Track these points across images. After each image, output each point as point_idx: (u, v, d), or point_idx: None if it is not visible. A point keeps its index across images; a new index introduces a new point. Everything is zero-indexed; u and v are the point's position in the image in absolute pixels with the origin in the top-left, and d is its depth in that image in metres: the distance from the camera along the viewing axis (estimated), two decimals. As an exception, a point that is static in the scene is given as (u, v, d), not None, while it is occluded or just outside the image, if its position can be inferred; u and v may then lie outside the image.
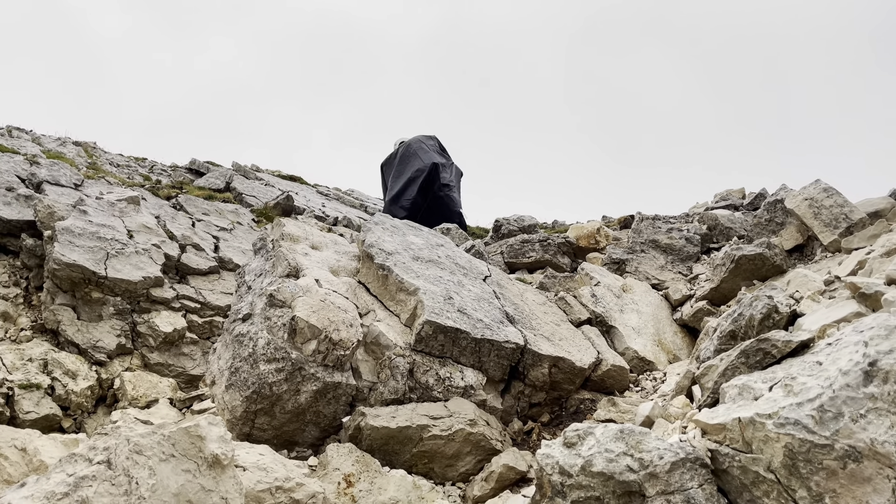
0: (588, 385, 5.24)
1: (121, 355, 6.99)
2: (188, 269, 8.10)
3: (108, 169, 11.86)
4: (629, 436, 2.48)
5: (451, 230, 9.44)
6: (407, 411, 4.52)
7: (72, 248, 7.23)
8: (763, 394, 2.48)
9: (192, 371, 7.15)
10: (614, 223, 11.25)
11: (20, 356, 6.48)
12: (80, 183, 9.33)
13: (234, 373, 4.66)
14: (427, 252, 5.82)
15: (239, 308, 5.09)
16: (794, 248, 5.73)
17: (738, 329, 3.31)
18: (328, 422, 4.66)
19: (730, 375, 2.80)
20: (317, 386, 4.55)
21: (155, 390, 6.72)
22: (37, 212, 7.83)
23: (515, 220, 10.35)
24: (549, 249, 8.05)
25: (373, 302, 5.29)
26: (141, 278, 7.35)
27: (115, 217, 8.13)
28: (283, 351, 4.55)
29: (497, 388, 4.99)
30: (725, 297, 5.73)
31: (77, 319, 7.03)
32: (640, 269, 7.07)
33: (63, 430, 6.12)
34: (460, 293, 5.34)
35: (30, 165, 9.36)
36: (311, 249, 5.65)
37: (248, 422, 4.54)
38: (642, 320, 5.90)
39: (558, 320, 5.69)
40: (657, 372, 5.41)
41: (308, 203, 13.11)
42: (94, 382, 6.54)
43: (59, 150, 11.86)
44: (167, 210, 9.46)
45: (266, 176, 14.25)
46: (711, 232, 7.78)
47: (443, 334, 4.83)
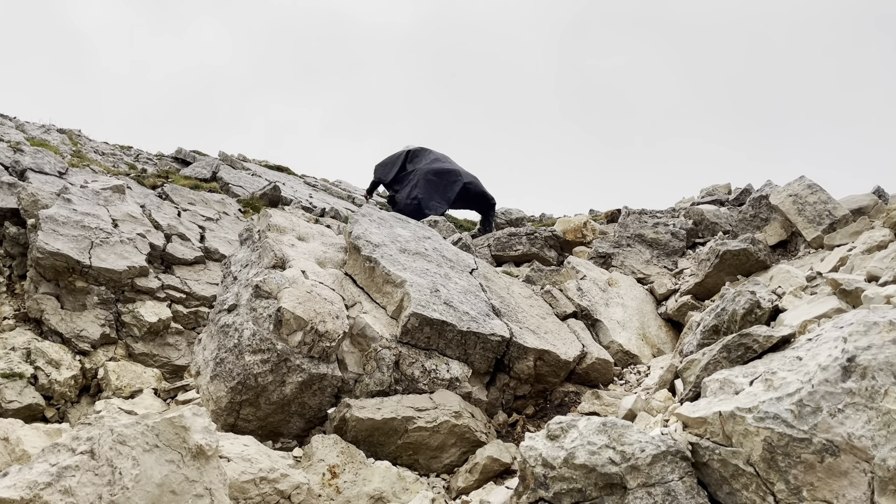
0: (573, 378, 5.27)
1: (105, 345, 6.96)
2: (174, 259, 8.06)
3: (93, 157, 11.75)
4: (611, 429, 2.51)
5: (438, 223, 9.45)
6: (392, 403, 4.54)
7: (56, 236, 7.17)
8: (744, 388, 2.51)
9: (177, 361, 7.13)
10: (601, 217, 11.31)
11: (2, 345, 6.43)
12: (64, 171, 9.24)
13: (219, 363, 4.65)
14: (414, 244, 5.82)
15: (224, 299, 5.08)
16: (779, 243, 5.78)
17: (721, 324, 3.35)
18: (313, 413, 4.67)
19: (712, 370, 2.83)
20: (302, 377, 4.56)
21: (139, 380, 6.69)
22: (20, 200, 7.75)
23: (503, 212, 10.38)
24: (535, 243, 8.08)
25: (359, 294, 5.29)
26: (125, 268, 7.30)
27: (99, 206, 8.07)
28: (268, 342, 4.55)
29: (482, 381, 5.01)
30: (710, 292, 5.77)
31: (61, 308, 6.98)
32: (626, 263, 7.11)
33: (46, 420, 6.09)
34: (447, 286, 5.35)
35: (13, 153, 9.27)
36: (297, 241, 5.63)
37: (232, 412, 4.54)
38: (627, 314, 5.94)
39: (544, 313, 5.71)
40: (641, 366, 5.45)
41: (295, 194, 13.06)
42: (78, 372, 6.50)
43: (44, 138, 11.74)
44: (153, 199, 9.40)
45: (253, 166, 14.18)
46: (697, 227, 7.84)
47: (429, 326, 4.84)
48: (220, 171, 12.24)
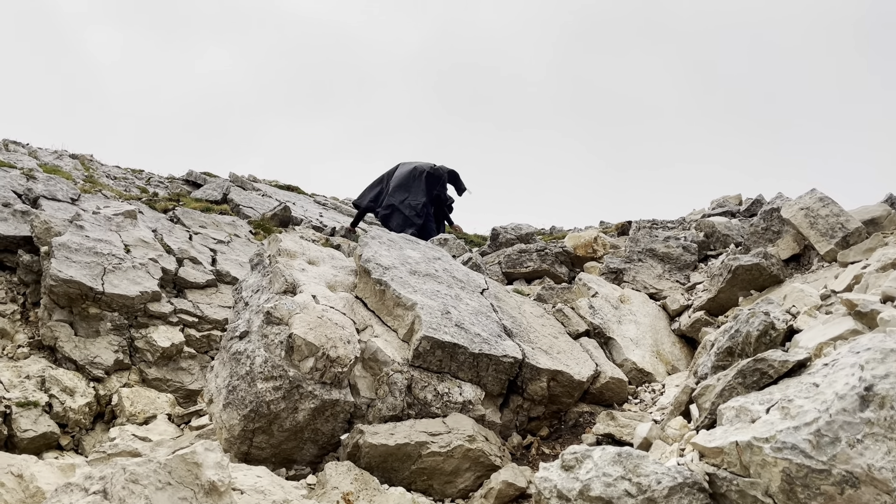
0: (587, 398, 5.23)
1: (119, 371, 6.98)
2: (185, 283, 8.09)
3: (105, 182, 11.84)
4: (627, 459, 2.48)
5: (447, 241, 9.44)
6: (405, 428, 4.51)
7: (69, 263, 7.22)
8: (760, 416, 2.48)
9: (191, 386, 7.14)
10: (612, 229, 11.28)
11: (17, 373, 6.46)
12: (76, 197, 9.32)
13: (231, 391, 4.65)
14: (424, 266, 5.81)
15: (236, 325, 5.08)
16: (791, 257, 5.73)
17: (735, 346, 3.31)
18: (326, 439, 4.65)
19: (727, 396, 2.80)
20: (315, 404, 4.54)
21: (153, 406, 6.70)
22: (33, 227, 7.82)
23: (513, 228, 10.36)
24: (546, 259, 8.06)
25: (370, 317, 5.28)
26: (138, 293, 7.34)
27: (112, 232, 8.12)
28: (280, 369, 4.54)
29: (496, 403, 4.98)
30: (723, 307, 5.72)
31: (74, 335, 7.02)
32: (637, 278, 7.07)
33: (61, 448, 6.11)
34: (458, 307, 5.33)
35: (26, 180, 9.35)
36: (307, 265, 5.64)
37: (245, 441, 4.53)
38: (640, 331, 5.90)
39: (556, 332, 5.68)
40: (656, 383, 5.41)
41: (305, 213, 13.10)
42: (92, 399, 6.53)
43: (56, 164, 11.86)
44: (164, 223, 9.45)
45: (263, 186, 14.25)
46: (709, 239, 7.79)
47: (440, 349, 4.82)
48: (230, 192, 12.30)
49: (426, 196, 10.89)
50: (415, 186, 10.99)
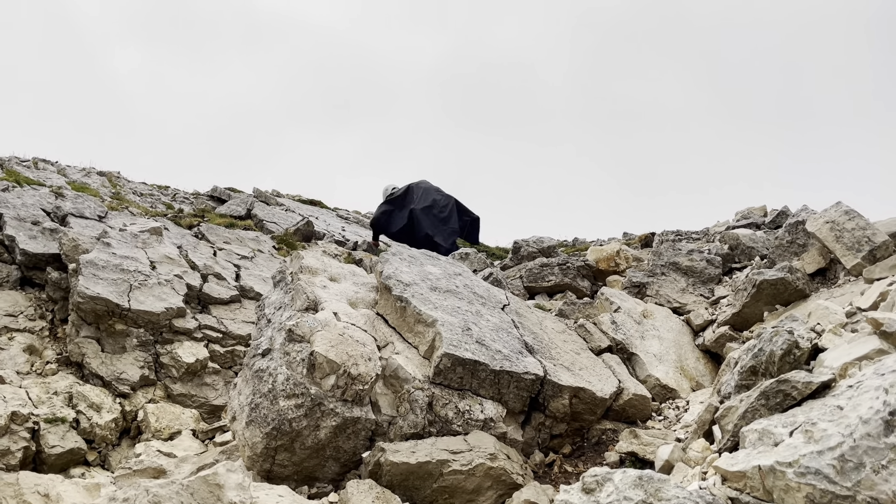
0: (610, 415, 5.19)
1: (144, 387, 7.06)
2: (210, 299, 8.18)
3: (132, 198, 12.03)
4: (648, 482, 2.45)
5: (469, 255, 9.44)
6: (427, 446, 4.51)
7: (96, 280, 7.34)
8: (783, 439, 2.44)
9: (215, 401, 7.20)
10: (635, 241, 11.19)
11: (46, 390, 6.56)
12: (104, 215, 9.48)
13: (254, 409, 4.68)
14: (445, 282, 5.82)
15: (259, 343, 5.12)
16: (817, 271, 5.65)
17: (759, 364, 3.27)
18: (348, 457, 4.66)
19: (750, 418, 2.76)
20: (336, 421, 4.56)
21: (178, 422, 6.76)
22: (62, 245, 7.96)
23: (535, 241, 10.32)
24: (568, 273, 8.02)
25: (391, 334, 5.30)
26: (163, 309, 7.43)
27: (138, 248, 8.24)
28: (302, 386, 4.57)
29: (517, 420, 4.96)
30: (748, 322, 5.65)
31: (101, 352, 7.12)
32: (660, 292, 7.00)
33: (88, 464, 6.18)
34: (479, 323, 5.33)
35: (55, 198, 9.54)
36: (329, 282, 5.68)
37: (268, 458, 4.56)
38: (664, 347, 5.84)
39: (578, 348, 5.65)
40: (680, 400, 5.34)
41: (328, 227, 13.19)
42: (119, 415, 6.61)
43: (84, 181, 12.07)
44: (189, 239, 9.57)
45: (286, 201, 14.38)
46: (733, 252, 7.70)
47: (461, 367, 4.82)
48: (254, 207, 12.43)
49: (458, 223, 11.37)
50: (449, 213, 11.38)
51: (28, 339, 7.37)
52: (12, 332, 7.38)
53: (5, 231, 8.28)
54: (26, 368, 7.04)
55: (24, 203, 8.99)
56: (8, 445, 5.69)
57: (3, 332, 7.31)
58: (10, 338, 7.28)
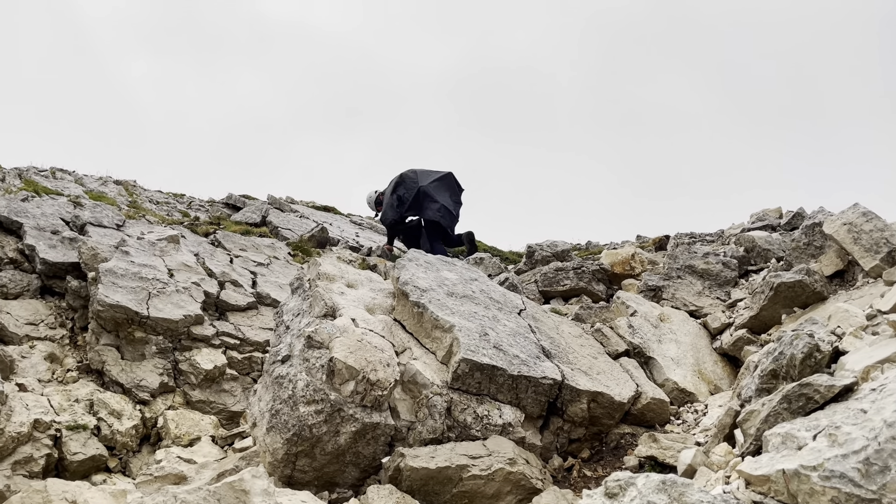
0: (628, 419, 5.19)
1: (163, 394, 7.11)
2: (227, 306, 8.23)
3: (148, 207, 12.15)
4: (672, 487, 2.46)
5: (483, 259, 9.46)
6: (446, 451, 4.53)
7: (115, 288, 7.41)
8: (807, 443, 2.44)
9: (233, 408, 7.24)
10: (649, 244, 11.17)
11: (67, 397, 6.63)
12: (121, 223, 9.57)
13: (274, 415, 4.72)
14: (461, 287, 5.85)
15: (278, 349, 5.17)
16: (835, 273, 5.63)
17: (780, 368, 3.27)
18: (368, 462, 4.69)
19: (772, 422, 2.76)
20: (356, 427, 4.59)
21: (197, 428, 6.81)
22: (81, 254, 8.05)
23: (549, 245, 10.32)
24: (583, 277, 8.03)
25: (409, 339, 5.33)
26: (182, 317, 7.49)
27: (155, 256, 8.32)
28: (321, 392, 4.61)
29: (535, 425, 4.97)
30: (765, 325, 5.64)
31: (121, 359, 7.18)
32: (676, 295, 7.00)
33: (109, 470, 6.24)
34: (495, 328, 5.35)
35: (73, 207, 9.64)
36: (346, 288, 5.72)
37: (289, 464, 4.59)
38: (681, 350, 5.84)
39: (595, 353, 5.65)
40: (698, 403, 5.34)
41: (342, 233, 13.25)
42: (139, 422, 6.66)
43: (101, 190, 12.20)
44: (206, 247, 9.65)
45: (301, 207, 14.46)
46: (749, 254, 7.68)
47: (479, 372, 4.84)
48: (269, 214, 12.51)
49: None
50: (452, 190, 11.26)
51: (49, 347, 7.45)
52: (33, 341, 7.46)
53: (25, 240, 8.38)
54: (47, 376, 7.11)
55: (44, 213, 9.10)
56: (31, 453, 5.76)
57: (25, 340, 7.39)
58: (31, 346, 7.37)
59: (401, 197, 11.11)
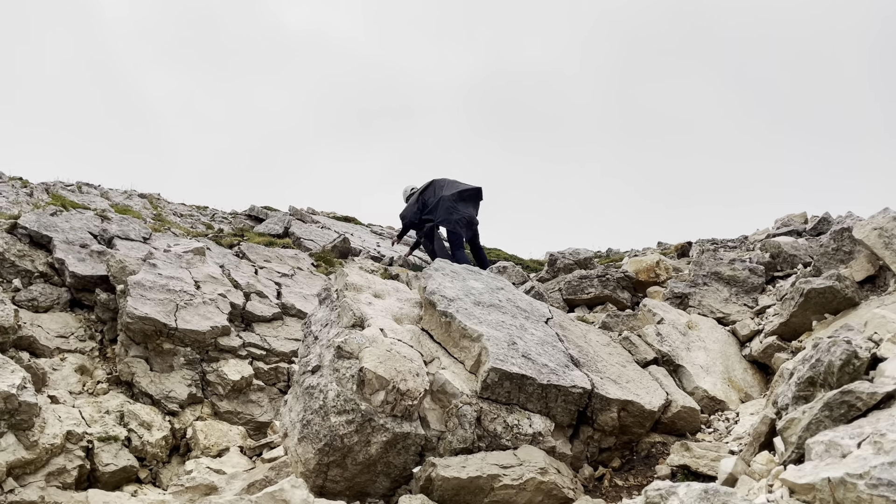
0: (658, 427, 5.16)
1: (192, 404, 7.17)
2: (253, 317, 8.30)
3: (173, 219, 12.28)
4: (714, 496, 2.45)
5: (507, 268, 9.46)
6: (477, 461, 4.53)
7: (143, 301, 7.49)
8: (851, 451, 2.42)
9: (260, 418, 7.29)
10: (671, 250, 11.11)
11: (98, 409, 6.71)
12: (148, 236, 9.69)
13: (305, 425, 4.75)
14: (488, 296, 5.85)
15: (308, 360, 5.20)
16: (866, 279, 5.56)
17: (817, 375, 3.24)
18: (398, 472, 4.70)
19: (814, 430, 2.74)
20: (386, 437, 4.60)
21: (225, 439, 6.86)
22: (109, 267, 8.15)
23: (570, 253, 10.31)
24: (608, 285, 8.00)
25: (437, 349, 5.34)
26: (209, 328, 7.55)
27: (182, 269, 8.41)
28: (352, 402, 4.62)
29: (565, 434, 4.96)
30: (796, 332, 5.59)
31: (150, 371, 7.26)
32: (703, 302, 6.95)
33: (140, 481, 6.29)
34: (523, 337, 5.35)
35: (101, 221, 9.78)
36: (374, 298, 5.74)
37: (321, 474, 4.61)
38: (710, 358, 5.79)
39: (624, 361, 5.63)
40: (729, 412, 5.29)
41: (363, 244, 13.31)
42: (168, 433, 6.72)
43: (127, 204, 12.36)
44: (231, 259, 9.73)
45: (322, 218, 14.55)
46: (775, 260, 7.62)
47: (508, 381, 4.84)
48: (291, 226, 12.60)
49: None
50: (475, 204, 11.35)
51: (79, 359, 7.55)
52: (64, 353, 7.56)
53: (55, 254, 8.50)
54: (78, 388, 7.20)
55: (72, 227, 9.23)
56: (64, 464, 5.82)
57: (56, 352, 7.49)
58: (62, 358, 7.46)
59: (425, 201, 11.33)
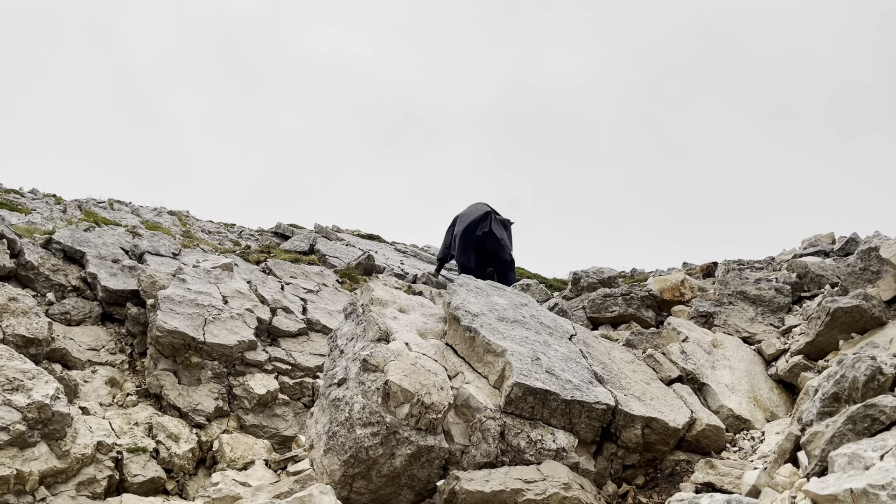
0: (682, 445, 5.14)
1: (218, 418, 7.28)
2: (279, 332, 8.41)
3: (201, 236, 12.50)
4: (736, 507, 2.47)
5: (530, 286, 9.50)
6: (500, 475, 4.55)
7: (173, 315, 7.64)
8: (874, 463, 2.43)
9: (285, 432, 7.36)
10: (696, 271, 11.05)
11: (127, 421, 6.83)
12: (177, 252, 9.88)
13: (331, 437, 4.81)
14: (511, 312, 5.90)
15: (334, 373, 5.27)
16: (893, 298, 5.52)
17: (842, 391, 3.24)
18: (422, 485, 4.74)
19: (837, 443, 2.75)
20: (411, 450, 4.65)
21: (251, 452, 6.94)
22: (140, 282, 8.32)
23: (594, 272, 10.29)
24: (632, 303, 7.99)
25: (461, 364, 5.38)
26: (236, 342, 7.67)
27: (210, 284, 8.56)
28: (377, 415, 4.68)
29: (589, 450, 4.97)
30: (822, 352, 5.55)
31: (178, 384, 7.38)
32: (728, 321, 6.92)
33: (167, 493, 6.39)
34: (547, 353, 5.38)
35: (132, 237, 9.99)
36: (399, 313, 5.82)
37: (346, 486, 4.66)
38: (735, 377, 5.77)
39: (648, 378, 5.63)
40: (754, 431, 5.26)
41: (387, 261, 13.42)
42: (195, 445, 6.82)
43: (156, 220, 12.61)
44: (257, 274, 9.88)
45: (346, 236, 14.71)
46: (801, 280, 7.57)
47: (532, 396, 4.86)
48: (317, 243, 12.77)
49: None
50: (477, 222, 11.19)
51: (109, 371, 7.70)
52: (95, 366, 7.72)
53: (88, 269, 8.70)
54: (108, 400, 7.34)
55: (105, 242, 9.45)
56: (94, 474, 5.94)
57: (87, 365, 7.65)
58: (93, 371, 7.62)
59: (452, 237, 11.23)
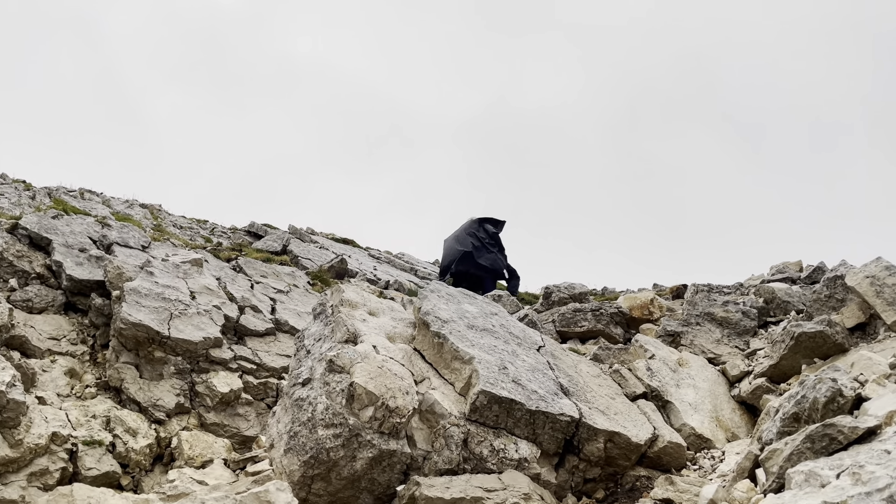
0: (644, 461, 5.17)
1: (179, 414, 7.14)
2: (246, 331, 8.30)
3: (172, 230, 12.35)
4: (693, 519, 2.47)
5: (501, 297, 9.51)
6: (461, 482, 4.53)
7: (138, 308, 7.51)
8: (830, 481, 2.46)
9: (247, 432, 7.25)
10: (666, 292, 11.16)
11: (84, 413, 6.68)
12: (147, 245, 9.73)
13: (292, 437, 4.76)
14: (482, 321, 5.90)
15: (299, 373, 5.22)
16: (856, 326, 5.63)
17: (802, 412, 3.28)
18: (382, 490, 4.70)
19: (795, 460, 2.78)
20: (373, 453, 4.61)
21: (210, 450, 6.82)
22: (107, 272, 8.17)
23: (566, 287, 10.34)
24: (601, 319, 8.04)
25: (428, 370, 5.36)
26: (201, 339, 7.55)
27: (179, 278, 8.44)
28: (340, 416, 4.64)
29: (551, 462, 4.97)
30: (785, 375, 5.63)
31: (139, 378, 7.24)
32: (695, 342, 6.99)
33: (121, 488, 6.24)
34: (515, 363, 5.38)
35: (101, 227, 9.83)
36: (368, 315, 5.78)
37: (304, 487, 4.61)
38: (699, 396, 5.82)
39: (613, 393, 5.66)
40: (715, 450, 5.31)
41: (360, 266, 13.36)
42: (153, 441, 6.69)
43: (128, 212, 12.43)
44: (228, 272, 9.77)
45: (321, 239, 14.63)
46: (768, 305, 7.68)
47: (497, 405, 4.86)
48: (290, 244, 12.67)
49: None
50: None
51: (69, 362, 7.53)
52: (55, 355, 7.54)
53: (53, 257, 8.53)
54: (66, 391, 7.18)
55: (73, 231, 9.28)
56: (47, 465, 5.79)
57: (47, 354, 7.48)
58: (52, 360, 7.45)
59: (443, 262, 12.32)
